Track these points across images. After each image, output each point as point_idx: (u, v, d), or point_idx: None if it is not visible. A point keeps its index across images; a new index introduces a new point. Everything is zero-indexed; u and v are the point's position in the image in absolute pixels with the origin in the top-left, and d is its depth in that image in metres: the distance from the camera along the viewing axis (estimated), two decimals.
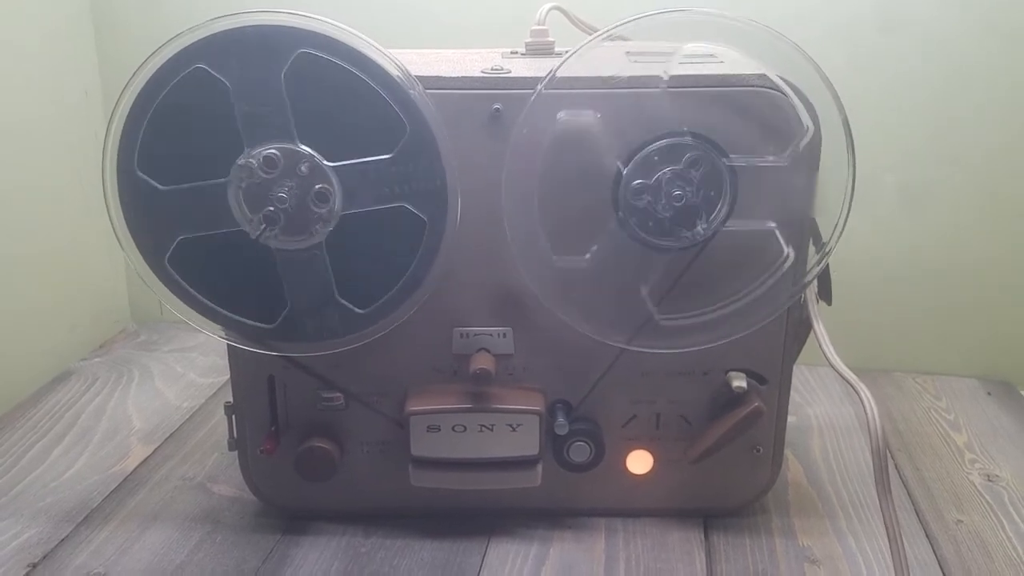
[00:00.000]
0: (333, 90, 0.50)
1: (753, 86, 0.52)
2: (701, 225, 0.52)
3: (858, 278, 0.83)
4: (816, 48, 0.52)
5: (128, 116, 0.50)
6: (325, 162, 0.50)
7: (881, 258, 0.85)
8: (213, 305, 0.53)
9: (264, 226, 0.51)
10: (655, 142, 0.51)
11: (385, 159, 0.51)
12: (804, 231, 0.55)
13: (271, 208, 0.50)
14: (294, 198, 0.50)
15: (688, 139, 0.51)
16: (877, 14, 0.79)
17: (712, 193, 0.52)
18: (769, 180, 0.53)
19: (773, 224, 0.54)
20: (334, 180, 0.51)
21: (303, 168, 0.50)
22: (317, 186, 0.50)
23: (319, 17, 0.50)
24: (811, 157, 0.53)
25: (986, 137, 0.81)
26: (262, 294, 0.53)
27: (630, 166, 0.52)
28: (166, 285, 0.53)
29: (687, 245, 0.53)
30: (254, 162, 0.50)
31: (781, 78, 0.52)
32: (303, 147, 0.50)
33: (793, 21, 0.79)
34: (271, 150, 0.50)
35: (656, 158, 0.52)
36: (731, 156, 0.52)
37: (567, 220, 0.53)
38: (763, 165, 0.52)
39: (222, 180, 0.50)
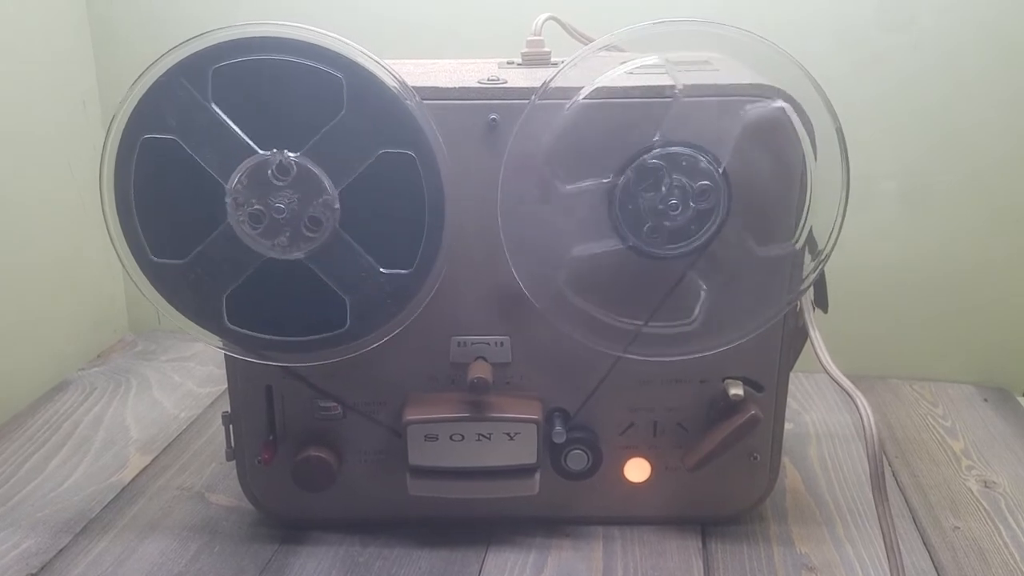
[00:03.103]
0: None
1: (747, 96, 0.52)
2: (698, 232, 0.53)
3: (854, 285, 0.83)
4: (815, 56, 0.52)
5: (118, 214, 0.51)
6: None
7: (878, 265, 0.86)
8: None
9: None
10: (643, 154, 0.52)
11: (341, 117, 0.50)
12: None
13: (258, 196, 0.50)
14: (291, 201, 0.50)
15: (674, 149, 0.51)
16: (878, 21, 0.80)
17: (708, 190, 0.52)
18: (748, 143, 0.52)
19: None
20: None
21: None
22: (306, 179, 0.50)
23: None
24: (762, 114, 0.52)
25: (984, 145, 0.82)
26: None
27: (623, 179, 0.52)
28: (238, 344, 0.54)
29: (716, 228, 0.53)
30: (240, 192, 0.50)
31: (776, 88, 0.52)
32: (265, 152, 0.50)
33: (792, 29, 0.80)
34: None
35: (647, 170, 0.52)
36: (721, 159, 0.52)
37: (609, 285, 0.54)
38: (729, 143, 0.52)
39: (224, 224, 0.51)
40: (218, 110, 0.50)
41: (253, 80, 0.50)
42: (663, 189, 0.52)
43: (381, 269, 0.52)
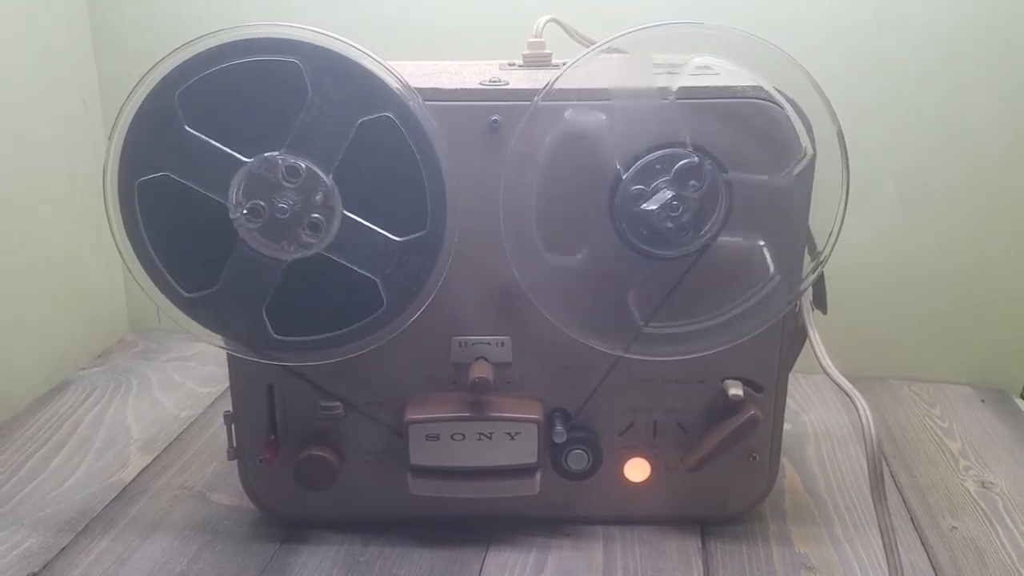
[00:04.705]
0: (388, 157, 0.51)
1: (749, 98, 0.52)
2: (695, 237, 0.53)
3: (853, 286, 0.83)
4: (814, 55, 0.52)
5: (206, 53, 0.49)
6: (341, 205, 0.51)
7: (876, 266, 0.86)
8: (150, 247, 0.52)
9: (245, 213, 0.50)
10: (657, 151, 0.52)
11: (392, 240, 0.52)
12: (796, 251, 0.55)
13: (261, 203, 0.51)
14: (292, 213, 0.51)
15: (690, 151, 0.52)
16: (877, 20, 0.80)
17: (707, 205, 0.53)
18: (764, 197, 0.53)
19: (762, 243, 0.54)
20: (336, 224, 0.51)
21: (317, 197, 0.51)
22: (316, 216, 0.51)
23: (411, 87, 0.51)
24: (806, 179, 0.53)
25: (982, 144, 0.82)
26: (199, 265, 0.52)
27: (630, 172, 0.52)
28: (122, 206, 0.51)
29: (680, 255, 0.54)
30: (280, 161, 0.50)
31: (776, 90, 0.52)
32: (331, 181, 0.51)
33: (791, 28, 0.80)
34: (303, 163, 0.50)
35: (658, 167, 0.52)
36: (729, 171, 0.52)
37: (564, 221, 0.54)
38: (759, 181, 0.53)
39: (245, 159, 0.50)
40: (194, 132, 0.50)
41: (219, 91, 0.50)
42: (668, 190, 0.52)
43: (397, 239, 0.52)
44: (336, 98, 0.50)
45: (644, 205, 0.52)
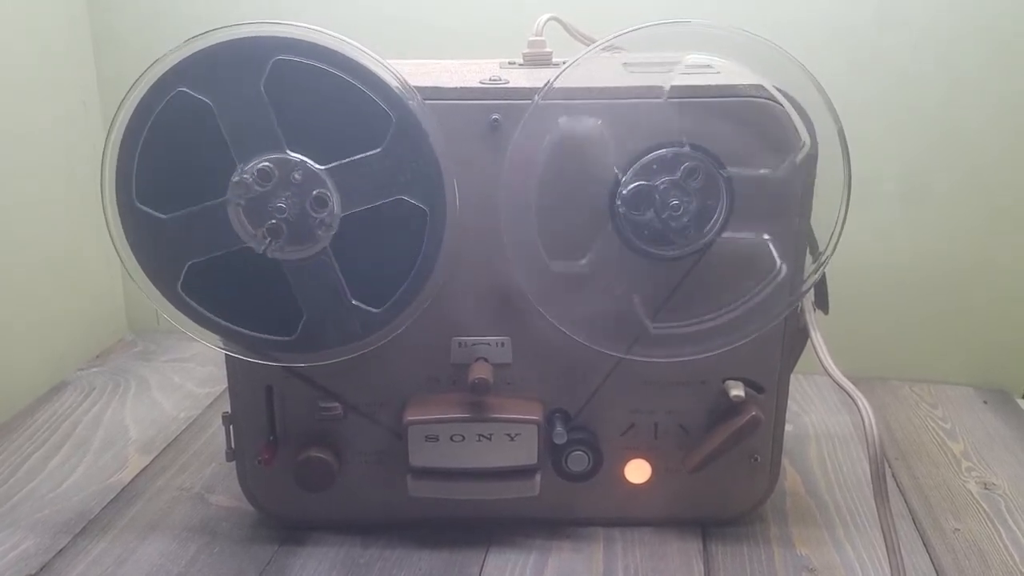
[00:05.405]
0: (314, 93, 0.50)
1: (750, 97, 0.52)
2: (698, 235, 0.53)
3: (854, 287, 0.83)
4: (815, 55, 0.52)
5: (120, 150, 0.50)
6: (317, 166, 0.50)
7: (876, 266, 0.86)
8: (232, 325, 0.53)
9: (269, 240, 0.51)
10: (654, 151, 0.52)
11: (376, 153, 0.51)
12: (799, 244, 0.55)
13: (273, 221, 0.51)
14: (294, 207, 0.51)
15: (687, 149, 0.52)
16: (877, 20, 0.80)
17: (709, 202, 0.52)
18: (765, 191, 0.53)
19: (767, 236, 0.54)
20: (329, 183, 0.51)
21: (297, 176, 0.50)
22: (314, 191, 0.51)
23: (290, 23, 0.50)
24: (807, 170, 0.53)
25: (983, 144, 0.82)
26: (278, 307, 0.53)
27: (628, 174, 0.52)
28: (184, 312, 0.53)
29: (683, 254, 0.53)
30: (248, 177, 0.50)
31: (778, 89, 0.52)
32: (293, 154, 0.50)
33: (791, 28, 0.80)
34: (263, 163, 0.50)
35: (655, 167, 0.52)
36: (728, 167, 0.52)
37: (565, 226, 0.54)
38: (759, 176, 0.53)
39: (220, 200, 0.50)
40: (173, 214, 0.51)
41: (158, 162, 0.50)
42: (667, 189, 0.52)
43: (352, 300, 0.52)
44: (227, 86, 0.49)
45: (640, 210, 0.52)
